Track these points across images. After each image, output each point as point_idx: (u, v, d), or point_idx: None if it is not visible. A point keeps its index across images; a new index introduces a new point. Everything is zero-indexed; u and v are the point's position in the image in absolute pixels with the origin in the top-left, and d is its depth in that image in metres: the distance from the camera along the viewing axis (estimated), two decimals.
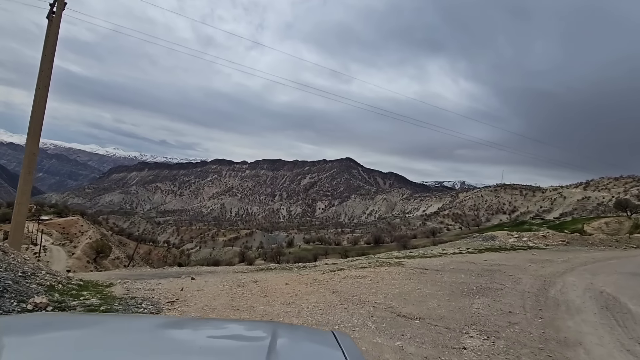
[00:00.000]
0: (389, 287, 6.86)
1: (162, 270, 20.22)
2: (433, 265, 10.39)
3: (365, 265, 11.21)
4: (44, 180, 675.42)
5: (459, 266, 9.94)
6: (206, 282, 9.87)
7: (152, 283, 10.37)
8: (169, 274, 16.50)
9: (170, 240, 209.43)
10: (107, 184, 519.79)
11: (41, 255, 33.21)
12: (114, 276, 16.14)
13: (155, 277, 15.50)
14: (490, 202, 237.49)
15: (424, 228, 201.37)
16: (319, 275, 9.25)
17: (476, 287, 7.00)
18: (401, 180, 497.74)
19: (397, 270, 8.99)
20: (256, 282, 9.09)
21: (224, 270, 18.16)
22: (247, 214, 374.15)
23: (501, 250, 15.15)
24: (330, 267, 12.04)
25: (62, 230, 66.17)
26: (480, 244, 18.85)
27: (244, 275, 11.80)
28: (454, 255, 13.69)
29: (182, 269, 20.59)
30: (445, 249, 17.16)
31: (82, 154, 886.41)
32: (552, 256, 12.78)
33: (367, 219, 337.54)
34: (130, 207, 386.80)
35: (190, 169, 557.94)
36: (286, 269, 16.02)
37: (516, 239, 19.08)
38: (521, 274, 8.64)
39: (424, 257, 13.45)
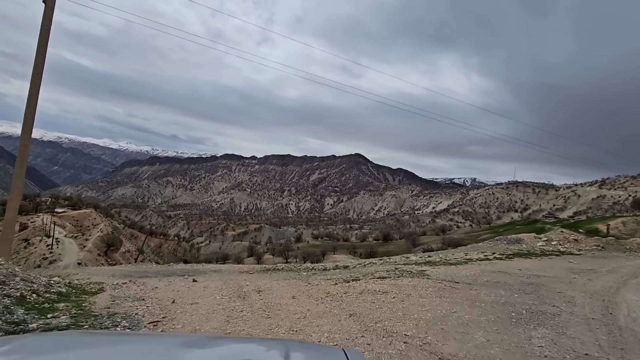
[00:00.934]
0: (418, 308, 5.60)
1: (167, 267, 19.40)
2: (462, 276, 9.06)
3: (383, 274, 10.05)
4: (59, 173, 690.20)
5: (493, 278, 8.59)
6: (205, 288, 9.01)
7: (148, 287, 9.53)
8: (173, 272, 15.66)
9: (181, 234, 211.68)
10: (120, 177, 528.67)
11: (53, 247, 33.00)
12: (118, 273, 15.32)
13: (159, 274, 14.71)
14: (502, 199, 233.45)
15: (434, 225, 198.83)
16: (331, 287, 8.01)
17: (525, 309, 5.71)
18: (410, 176, 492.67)
19: (422, 283, 7.70)
20: (259, 293, 7.95)
21: (229, 269, 17.09)
22: (256, 209, 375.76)
23: (531, 256, 13.77)
24: (344, 276, 10.85)
25: (76, 222, 66.64)
26: (506, 248, 17.29)
27: (248, 280, 10.73)
28: (480, 262, 12.43)
29: (187, 267, 19.73)
30: (468, 253, 15.75)
31: (95, 147, 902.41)
32: (592, 264, 11.33)
33: (375, 215, 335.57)
34: (142, 201, 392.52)
35: (201, 163, 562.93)
36: (293, 271, 14.71)
37: (545, 243, 17.55)
38: (570, 290, 7.30)
39: (448, 264, 12.26)
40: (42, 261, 27.08)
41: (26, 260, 29.38)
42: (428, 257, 15.74)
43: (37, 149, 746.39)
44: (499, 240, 19.96)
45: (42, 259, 27.72)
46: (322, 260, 64.99)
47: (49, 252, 30.09)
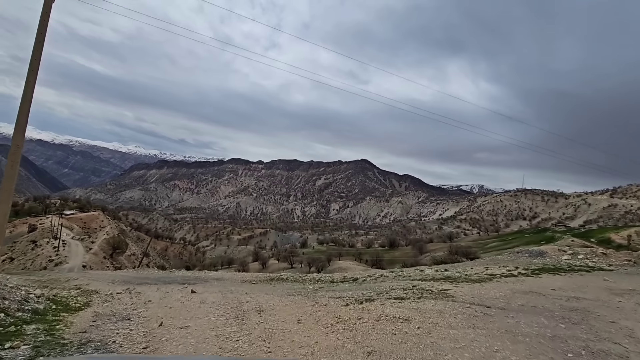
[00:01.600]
0: (451, 344, 4.56)
1: (169, 274, 18.60)
2: (491, 297, 7.92)
3: (401, 294, 9.03)
4: (69, 176, 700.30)
5: (527, 301, 7.44)
6: (201, 304, 8.31)
7: (141, 299, 8.96)
8: (174, 279, 14.88)
9: (187, 237, 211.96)
10: (128, 180, 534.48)
11: (60, 250, 32.63)
12: (119, 279, 14.62)
13: (159, 282, 13.98)
14: (510, 207, 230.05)
15: (440, 232, 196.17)
16: (342, 309, 7.07)
17: (581, 347, 4.62)
18: (417, 183, 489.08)
19: (449, 308, 6.67)
20: (260, 313, 7.01)
21: (231, 278, 16.17)
22: (262, 213, 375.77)
23: (560, 271, 12.48)
24: (355, 293, 9.82)
25: (84, 225, 66.65)
26: (529, 261, 16.04)
27: (250, 294, 9.96)
28: (506, 278, 11.25)
29: (189, 274, 18.93)
30: (489, 267, 14.53)
31: (105, 151, 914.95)
32: (631, 283, 10.10)
33: (381, 222, 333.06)
34: (149, 204, 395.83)
35: (208, 167, 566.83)
36: (298, 282, 13.79)
37: (570, 257, 16.23)
38: (624, 319, 6.16)
39: (470, 280, 11.16)
40: (47, 263, 26.65)
41: (32, 262, 28.98)
42: (445, 271, 14.82)
43: (48, 151, 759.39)
44: (520, 253, 18.69)
45: (48, 261, 27.30)
46: (328, 267, 63.68)
47: (55, 254, 29.72)
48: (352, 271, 56.50)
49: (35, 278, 16.18)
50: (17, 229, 51.67)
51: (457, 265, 18.26)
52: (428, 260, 67.76)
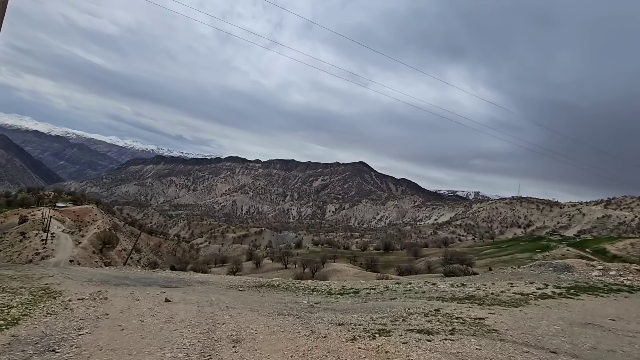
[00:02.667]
0: None
1: (151, 274, 18.02)
2: (545, 332, 6.93)
3: (424, 323, 7.55)
4: (65, 168, 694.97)
5: (596, 340, 6.55)
6: (166, 322, 7.22)
7: (99, 311, 8.05)
8: (155, 281, 14.26)
9: (181, 234, 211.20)
10: (124, 175, 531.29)
11: (47, 243, 32.19)
12: (96, 278, 13.74)
13: (138, 283, 13.46)
14: (505, 214, 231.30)
15: (435, 237, 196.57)
16: (349, 350, 5.61)
17: None
18: (414, 187, 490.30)
19: (501, 353, 5.50)
20: (235, 346, 5.67)
21: (218, 282, 15.31)
22: (258, 213, 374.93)
23: (597, 291, 11.71)
24: (363, 320, 7.99)
25: (77, 218, 66.13)
26: (556, 277, 15.12)
27: (231, 308, 9.02)
28: (543, 300, 10.18)
29: (173, 275, 18.36)
30: (512, 282, 13.60)
31: (102, 144, 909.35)
32: None
33: (377, 225, 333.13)
34: (144, 199, 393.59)
35: (205, 164, 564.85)
36: (291, 290, 13.15)
37: (601, 272, 15.42)
38: None
39: (501, 302, 9.92)
40: (34, 256, 26.22)
41: (19, 255, 28.52)
42: (463, 286, 13.35)
43: (44, 143, 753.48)
44: (544, 267, 17.61)
45: (35, 254, 26.86)
46: (322, 268, 63.62)
47: (43, 247, 29.23)
48: (346, 274, 56.46)
49: (10, 273, 15.63)
50: (8, 220, 51.14)
51: (474, 279, 16.52)
52: (423, 264, 67.99)
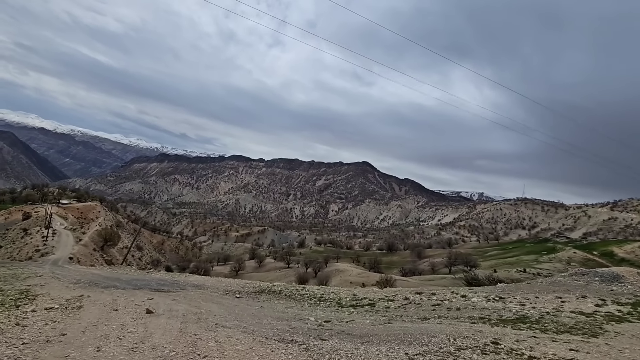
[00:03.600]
0: None
1: (144, 276, 16.91)
2: None
3: None
4: (70, 165, 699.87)
5: None
6: (132, 350, 5.97)
7: (53, 331, 6.94)
8: (147, 284, 13.33)
9: (184, 232, 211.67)
10: (128, 173, 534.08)
11: (48, 240, 32.01)
12: (86, 279, 13.30)
13: (127, 286, 12.57)
14: (510, 216, 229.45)
15: (439, 238, 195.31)
16: None
17: None
18: (417, 187, 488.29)
19: None
20: None
21: (214, 286, 13.94)
22: (261, 211, 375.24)
23: None
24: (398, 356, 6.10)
25: (80, 215, 66.23)
26: (608, 289, 13.37)
27: (220, 326, 7.78)
28: (618, 325, 8.69)
29: (167, 277, 17.26)
30: (560, 295, 12.01)
31: (107, 142, 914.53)
32: None
33: (380, 225, 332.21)
34: (148, 197, 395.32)
35: (209, 163, 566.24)
36: (294, 299, 11.92)
37: None
38: None
39: (564, 326, 8.48)
40: (34, 253, 26.02)
41: (20, 251, 28.37)
42: (501, 300, 11.73)
43: (50, 140, 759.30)
44: (588, 276, 15.83)
45: (35, 251, 26.66)
46: (325, 268, 63.27)
47: (43, 244, 29.04)
48: (349, 274, 55.98)
49: None
50: (12, 216, 51.25)
51: (509, 290, 14.26)
52: (427, 265, 67.42)
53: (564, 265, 52.02)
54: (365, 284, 50.17)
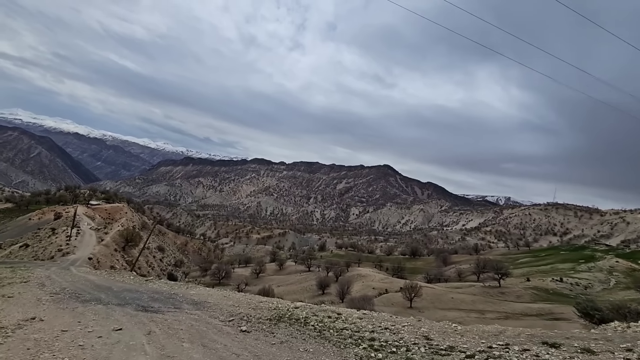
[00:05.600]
0: None
1: (140, 285, 15.00)
2: None
3: None
4: (102, 168, 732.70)
5: None
6: None
7: None
8: (136, 298, 11.58)
9: (207, 233, 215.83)
10: (155, 175, 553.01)
11: (71, 239, 32.68)
12: (71, 287, 11.70)
13: (111, 300, 10.99)
14: (539, 221, 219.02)
15: (463, 243, 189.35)
16: None
17: None
18: (440, 191, 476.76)
19: None
20: None
21: (218, 304, 11.63)
22: (282, 214, 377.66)
23: None
24: None
25: (108, 215, 68.39)
26: None
27: None
28: None
29: (165, 288, 14.84)
30: None
31: (135, 146, 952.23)
32: None
33: (402, 229, 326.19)
34: (174, 199, 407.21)
35: (231, 166, 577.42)
36: (327, 341, 7.96)
37: None
38: None
39: None
40: (56, 253, 26.55)
41: (44, 250, 29.11)
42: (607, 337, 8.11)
43: (83, 144, 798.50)
44: None
45: (58, 250, 27.22)
46: (347, 272, 61.94)
47: (66, 244, 29.64)
48: (372, 279, 54.42)
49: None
50: (45, 216, 53.49)
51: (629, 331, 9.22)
52: (453, 272, 64.71)
53: (605, 275, 48.27)
54: (388, 290, 48.49)
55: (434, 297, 41.64)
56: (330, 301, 48.22)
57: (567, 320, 29.10)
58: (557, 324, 28.37)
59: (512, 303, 38.08)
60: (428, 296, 41.18)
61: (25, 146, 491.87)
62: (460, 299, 40.33)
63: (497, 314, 33.95)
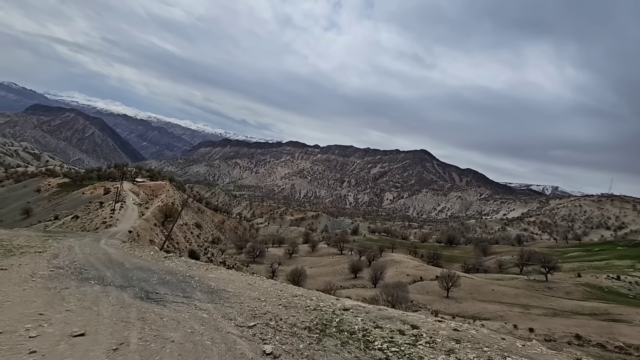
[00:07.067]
0: None
1: (155, 263, 13.26)
2: None
3: None
4: (147, 148, 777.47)
5: None
6: None
7: None
8: (146, 279, 9.92)
9: (243, 213, 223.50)
10: (196, 156, 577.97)
11: (115, 213, 34.64)
12: (82, 262, 10.94)
13: (115, 280, 9.31)
14: (591, 213, 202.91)
15: (504, 233, 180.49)
16: None
17: None
18: (480, 178, 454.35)
19: None
20: None
21: (238, 294, 9.34)
22: (315, 197, 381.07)
23: None
24: None
25: (151, 192, 72.28)
26: None
27: None
28: None
29: (181, 267, 12.93)
30: None
31: (177, 128, 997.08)
32: None
33: (437, 216, 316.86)
34: (212, 179, 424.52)
35: (267, 148, 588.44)
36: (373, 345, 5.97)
37: None
38: None
39: None
40: (100, 225, 28.21)
41: (90, 222, 31.20)
42: None
43: (131, 125, 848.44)
44: None
45: (102, 222, 28.94)
46: (379, 257, 61.05)
47: (110, 217, 31.45)
48: (405, 266, 53.12)
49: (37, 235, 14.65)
50: (96, 191, 57.55)
51: None
52: (493, 263, 61.55)
53: None
54: (423, 278, 47.10)
55: (473, 288, 39.74)
56: (362, 285, 47.85)
57: (628, 323, 26.32)
58: (615, 325, 25.75)
59: (561, 299, 35.31)
60: (466, 286, 39.39)
61: (81, 126, 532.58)
62: (502, 292, 38.14)
63: (544, 310, 31.61)
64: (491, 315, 29.45)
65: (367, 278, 46.32)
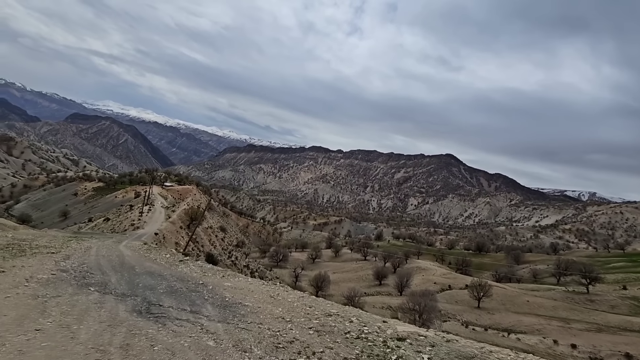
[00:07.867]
0: None
1: (169, 267, 12.58)
2: None
3: None
4: (176, 154, 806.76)
5: None
6: None
7: None
8: (148, 288, 8.55)
9: (267, 217, 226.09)
10: (221, 161, 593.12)
11: (143, 215, 35.75)
12: (91, 264, 10.42)
13: (115, 289, 7.99)
14: (634, 221, 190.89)
15: (537, 241, 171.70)
16: None
17: None
18: (510, 183, 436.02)
19: None
20: None
21: (258, 312, 7.70)
22: (338, 202, 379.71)
23: None
24: None
25: (179, 196, 74.53)
26: None
27: None
28: None
29: (195, 274, 11.88)
30: None
31: (204, 134, 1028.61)
32: None
33: (464, 222, 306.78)
34: (237, 184, 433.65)
35: (290, 153, 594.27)
36: None
37: None
38: None
39: None
40: (129, 227, 29.14)
41: (120, 224, 32.40)
42: None
43: (161, 132, 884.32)
44: None
45: (130, 224, 29.93)
46: (405, 264, 59.39)
47: (138, 219, 32.49)
48: (432, 273, 51.34)
49: (40, 238, 14.97)
50: (127, 195, 59.99)
51: None
52: (527, 272, 58.24)
53: None
54: (451, 287, 45.25)
55: (506, 299, 37.64)
56: (387, 293, 46.61)
57: None
58: None
59: (605, 314, 32.67)
60: (498, 296, 37.37)
61: (115, 134, 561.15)
62: (538, 303, 35.85)
63: (586, 324, 29.30)
64: (527, 328, 27.64)
65: (392, 285, 45.09)
